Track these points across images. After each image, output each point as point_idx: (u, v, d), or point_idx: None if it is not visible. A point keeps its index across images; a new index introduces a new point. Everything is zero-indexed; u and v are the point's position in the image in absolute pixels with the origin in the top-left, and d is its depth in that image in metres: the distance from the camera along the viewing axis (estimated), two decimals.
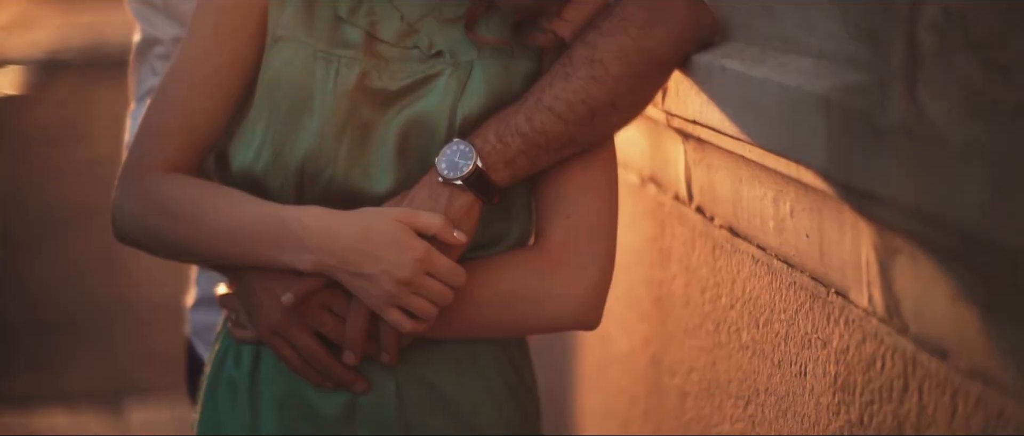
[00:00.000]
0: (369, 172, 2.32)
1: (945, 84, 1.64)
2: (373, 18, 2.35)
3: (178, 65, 2.40)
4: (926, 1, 1.67)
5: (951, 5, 1.63)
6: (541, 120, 2.28)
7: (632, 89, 2.32)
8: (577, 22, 2.35)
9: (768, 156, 2.16)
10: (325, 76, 2.31)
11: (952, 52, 1.63)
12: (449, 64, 2.32)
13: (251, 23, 2.38)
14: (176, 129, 2.38)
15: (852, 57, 1.98)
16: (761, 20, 2.32)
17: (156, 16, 2.76)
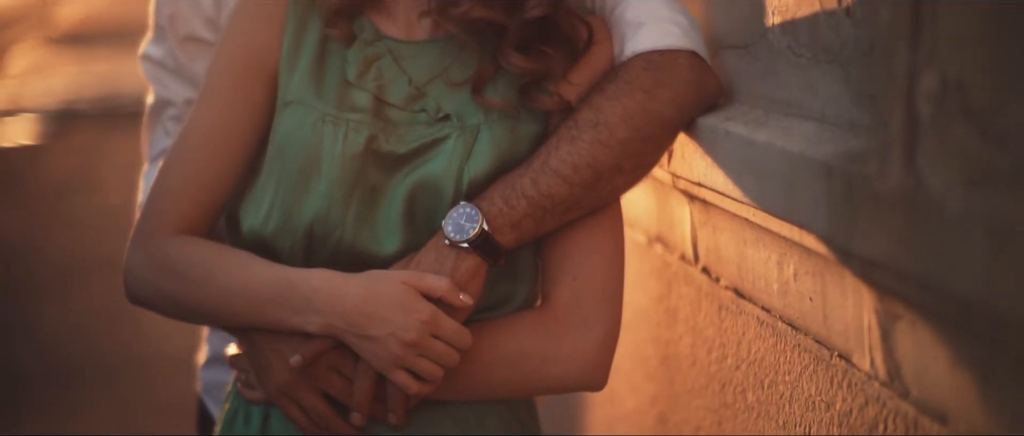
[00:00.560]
0: (377, 234, 2.34)
1: (943, 152, 1.66)
2: (381, 82, 2.38)
3: (189, 128, 2.43)
4: (924, 69, 1.69)
5: (949, 74, 1.65)
6: (547, 183, 2.30)
7: (637, 152, 2.34)
8: (583, 85, 2.38)
9: (771, 220, 2.18)
10: (333, 139, 2.33)
11: (950, 120, 1.65)
12: (456, 127, 2.35)
13: (261, 86, 2.41)
14: (187, 191, 2.41)
15: (854, 122, 2.00)
16: (765, 83, 2.34)
17: (169, 78, 2.79)
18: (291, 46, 2.41)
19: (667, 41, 2.38)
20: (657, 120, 2.34)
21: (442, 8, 2.32)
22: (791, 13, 2.23)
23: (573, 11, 2.37)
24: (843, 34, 2.04)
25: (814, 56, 2.15)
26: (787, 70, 2.25)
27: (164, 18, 2.77)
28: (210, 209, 2.42)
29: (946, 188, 1.63)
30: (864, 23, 1.97)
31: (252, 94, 2.41)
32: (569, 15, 2.36)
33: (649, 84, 2.34)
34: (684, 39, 2.39)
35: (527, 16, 2.31)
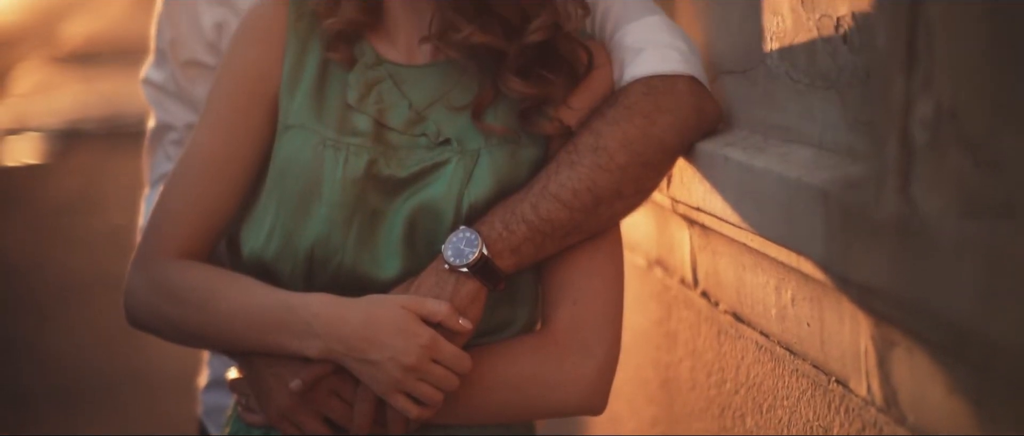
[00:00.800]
0: (377, 258, 2.35)
1: (938, 180, 1.67)
2: (382, 106, 2.39)
3: (190, 152, 2.44)
4: (919, 97, 1.70)
5: (943, 102, 1.66)
6: (547, 208, 2.31)
7: (637, 177, 2.35)
8: (582, 110, 2.39)
9: (770, 245, 2.18)
10: (334, 164, 2.34)
11: (945, 148, 1.66)
12: (456, 152, 2.36)
13: (262, 111, 2.42)
14: (187, 215, 2.42)
15: (851, 148, 2.01)
16: (763, 108, 2.35)
17: (170, 102, 2.80)
18: (291, 70, 2.42)
19: (667, 66, 2.39)
20: (657, 145, 2.35)
21: (442, 33, 2.33)
22: (789, 39, 2.24)
23: (573, 36, 2.38)
24: (840, 61, 2.05)
25: (812, 82, 2.16)
26: (785, 96, 2.26)
27: (165, 42, 2.78)
28: (211, 233, 2.43)
29: (941, 216, 1.64)
30: (861, 50, 1.98)
31: (253, 118, 2.42)
32: (569, 40, 2.37)
33: (649, 109, 2.35)
34: (683, 64, 2.40)
35: (527, 41, 2.32)
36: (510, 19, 2.31)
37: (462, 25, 2.31)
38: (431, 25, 2.34)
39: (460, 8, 2.30)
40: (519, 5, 2.31)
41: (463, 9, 2.30)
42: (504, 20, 2.31)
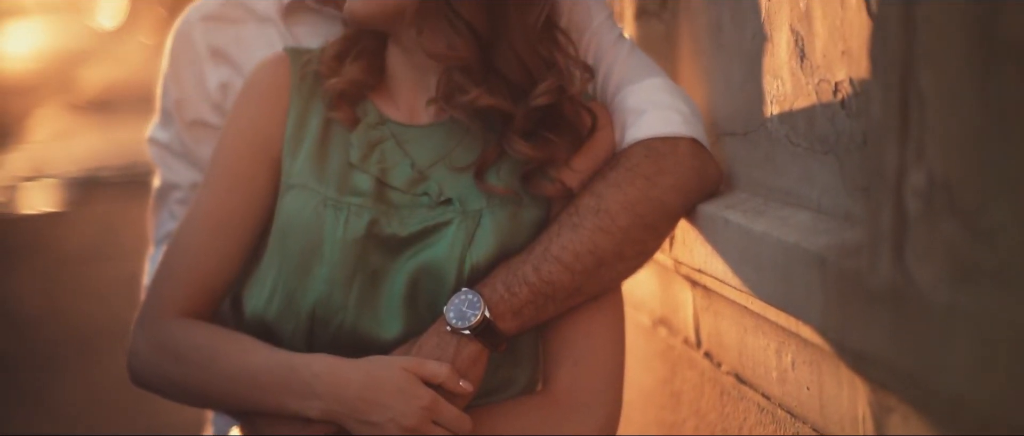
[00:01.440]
0: (379, 319, 2.35)
1: (931, 249, 1.67)
2: (384, 165, 2.40)
3: (193, 212, 2.45)
4: (912, 167, 1.70)
5: (936, 172, 1.67)
6: (548, 270, 2.31)
7: (638, 239, 2.36)
8: (585, 171, 2.40)
9: (770, 308, 2.19)
10: (335, 224, 2.35)
11: (938, 217, 1.66)
12: (458, 212, 2.36)
13: (265, 170, 2.44)
14: (191, 275, 2.42)
15: (849, 213, 2.01)
16: (764, 171, 2.36)
17: (175, 161, 2.81)
18: (294, 130, 2.43)
19: (668, 128, 2.40)
20: (658, 207, 2.36)
21: (449, 96, 2.34)
22: (789, 103, 2.25)
23: (578, 100, 2.39)
24: (838, 126, 2.06)
25: (811, 146, 2.17)
26: (785, 159, 2.27)
27: (171, 102, 2.80)
28: (213, 293, 2.44)
29: (934, 285, 1.65)
30: (858, 116, 1.99)
31: (255, 178, 2.43)
32: (574, 104, 2.38)
33: (650, 171, 2.36)
34: (685, 126, 2.41)
35: (533, 105, 2.33)
36: (517, 82, 2.32)
37: (469, 88, 2.32)
38: (438, 87, 2.36)
39: (467, 71, 2.32)
40: (526, 69, 2.32)
41: (470, 72, 2.32)
42: (511, 83, 2.33)
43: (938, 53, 1.67)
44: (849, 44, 2.00)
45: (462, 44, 2.31)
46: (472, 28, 2.30)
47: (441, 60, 2.34)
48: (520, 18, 2.32)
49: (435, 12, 2.33)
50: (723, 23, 2.56)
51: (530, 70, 2.33)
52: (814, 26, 2.14)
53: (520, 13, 2.32)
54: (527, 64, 2.32)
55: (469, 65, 2.32)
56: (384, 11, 2.35)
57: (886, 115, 1.77)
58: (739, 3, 2.46)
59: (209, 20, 2.77)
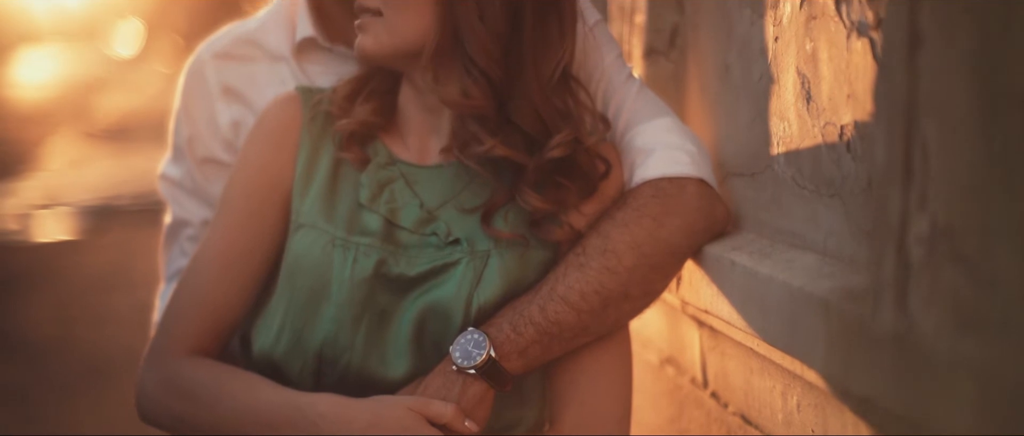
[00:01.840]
0: (385, 358, 2.36)
1: (934, 296, 1.68)
2: (393, 205, 2.40)
3: (203, 250, 2.46)
4: (915, 214, 1.71)
5: (939, 218, 1.67)
6: (555, 310, 2.32)
7: (645, 280, 2.36)
8: (593, 214, 2.40)
9: (775, 351, 2.19)
10: (343, 263, 2.36)
11: (940, 265, 1.67)
12: (466, 252, 2.37)
13: (275, 209, 2.45)
14: (200, 313, 2.43)
15: (854, 257, 2.02)
16: (771, 212, 2.37)
17: (187, 198, 2.81)
18: (304, 169, 2.44)
19: (676, 169, 2.40)
20: (665, 248, 2.36)
21: (464, 145, 2.35)
22: (795, 144, 2.26)
23: (592, 149, 2.39)
24: (844, 169, 2.07)
25: (817, 188, 2.17)
26: (791, 201, 2.28)
27: (182, 139, 2.81)
28: (222, 331, 2.45)
29: (937, 331, 1.65)
30: (864, 159, 2.00)
31: (265, 217, 2.44)
32: (588, 153, 2.39)
33: (657, 212, 2.36)
34: (693, 167, 2.41)
35: (548, 157, 2.34)
36: (532, 133, 2.33)
37: (484, 138, 2.32)
38: (453, 134, 2.36)
39: (482, 120, 2.33)
40: (541, 120, 2.33)
41: (485, 121, 2.33)
42: (525, 133, 2.33)
43: (941, 101, 1.68)
44: (854, 88, 2.01)
45: (478, 93, 2.31)
46: (488, 77, 2.31)
47: (456, 108, 2.34)
48: (537, 69, 2.33)
49: (450, 58, 2.33)
50: (731, 63, 2.57)
51: (545, 121, 2.34)
52: (820, 69, 2.14)
53: (537, 64, 2.33)
54: (542, 115, 2.33)
55: (484, 114, 2.32)
56: (396, 51, 2.35)
57: (889, 161, 1.77)
58: (746, 44, 2.47)
59: (221, 58, 2.78)
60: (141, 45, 14.72)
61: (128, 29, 14.85)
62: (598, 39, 2.59)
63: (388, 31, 2.33)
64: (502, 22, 2.30)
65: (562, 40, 2.36)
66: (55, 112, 13.50)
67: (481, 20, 2.30)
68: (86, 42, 14.74)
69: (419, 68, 2.36)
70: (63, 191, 10.31)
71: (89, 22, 14.83)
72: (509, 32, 2.31)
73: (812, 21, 2.17)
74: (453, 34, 2.31)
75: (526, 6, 2.32)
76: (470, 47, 2.30)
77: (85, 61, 14.47)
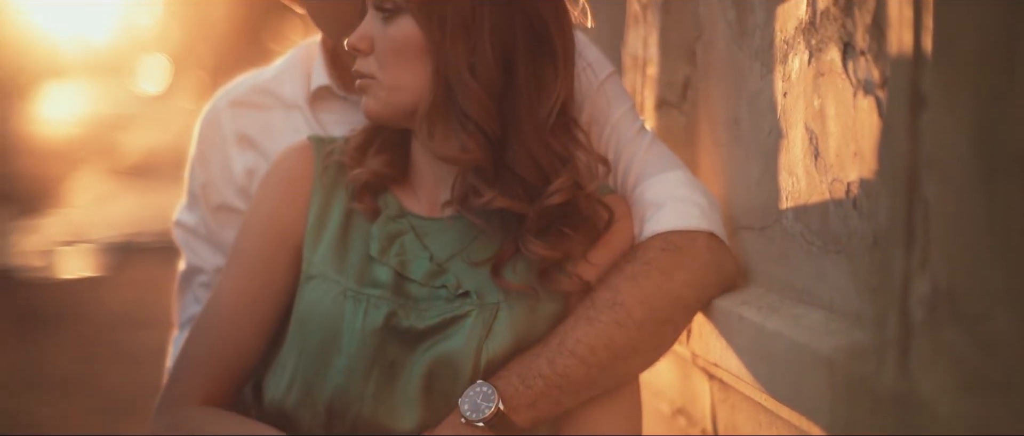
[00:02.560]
0: (395, 410, 2.36)
1: (935, 357, 1.69)
2: (403, 258, 2.42)
3: (214, 299, 2.48)
4: (917, 275, 1.72)
5: (940, 280, 1.68)
6: (564, 364, 2.32)
7: (654, 333, 2.37)
8: (602, 265, 2.41)
9: (783, 406, 2.20)
10: (354, 315, 2.37)
11: (941, 326, 1.68)
12: (476, 305, 2.37)
13: (286, 259, 2.46)
14: (210, 362, 2.44)
15: (860, 314, 2.02)
16: (780, 267, 2.38)
17: (200, 245, 2.83)
18: (316, 220, 2.46)
19: (686, 222, 2.41)
20: (675, 302, 2.37)
21: (464, 198, 2.36)
22: (803, 199, 2.27)
23: (594, 195, 2.40)
24: (850, 226, 2.08)
25: (824, 245, 2.18)
26: (799, 256, 2.28)
27: (197, 186, 2.83)
28: (233, 380, 2.46)
29: (938, 391, 1.66)
30: (869, 217, 2.00)
31: (277, 267, 2.46)
32: (590, 200, 2.40)
33: (667, 265, 2.37)
34: (703, 220, 2.42)
35: (548, 204, 2.34)
36: (531, 180, 2.34)
37: (483, 190, 2.33)
38: (453, 188, 2.38)
39: (480, 172, 2.34)
40: (539, 166, 2.34)
41: (483, 173, 2.34)
42: (526, 182, 2.34)
43: (943, 163, 1.69)
44: (861, 145, 2.02)
45: (474, 146, 2.32)
46: (482, 129, 2.31)
47: (453, 162, 2.35)
48: (532, 115, 2.33)
49: (445, 114, 2.34)
50: (741, 117, 2.58)
51: (543, 167, 2.35)
52: (828, 125, 2.16)
53: (531, 109, 2.33)
54: (540, 161, 2.34)
55: (481, 166, 2.34)
56: (396, 111, 2.37)
57: (892, 222, 1.79)
58: (756, 98, 2.49)
59: (237, 105, 2.81)
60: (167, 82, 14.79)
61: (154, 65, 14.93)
62: (609, 93, 2.60)
63: (387, 92, 2.36)
64: (494, 73, 2.31)
65: (556, 80, 2.36)
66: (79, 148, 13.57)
67: (472, 73, 2.31)
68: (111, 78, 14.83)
69: (416, 125, 2.38)
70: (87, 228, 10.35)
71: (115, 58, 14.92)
72: (502, 82, 2.32)
73: (820, 78, 2.18)
74: (446, 90, 2.32)
75: (518, 53, 2.33)
76: (463, 101, 2.31)
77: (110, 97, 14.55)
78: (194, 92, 13.66)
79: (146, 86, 15.11)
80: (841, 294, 2.11)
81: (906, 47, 1.76)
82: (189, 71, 14.58)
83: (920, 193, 1.72)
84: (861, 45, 2.02)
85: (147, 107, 14.44)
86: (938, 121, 1.70)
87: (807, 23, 2.24)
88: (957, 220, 1.67)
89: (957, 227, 1.67)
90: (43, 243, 10.12)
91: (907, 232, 1.74)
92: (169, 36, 14.68)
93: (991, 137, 1.66)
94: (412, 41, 2.33)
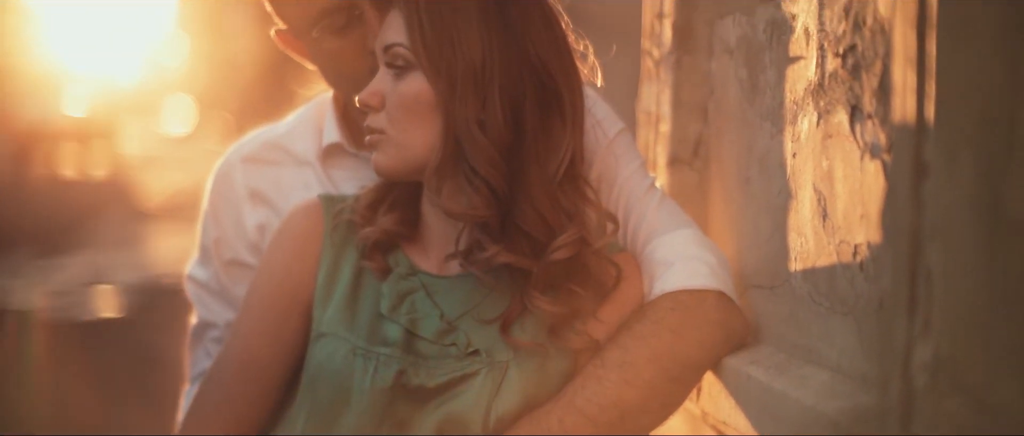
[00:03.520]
0: None
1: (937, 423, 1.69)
2: (414, 316, 2.42)
3: (224, 355, 2.49)
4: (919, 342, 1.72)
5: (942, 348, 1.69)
6: (573, 423, 2.32)
7: (663, 392, 2.37)
8: (611, 323, 2.41)
9: None
10: (363, 373, 2.38)
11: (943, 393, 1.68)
12: (485, 363, 2.38)
13: (296, 317, 2.47)
14: (219, 419, 2.46)
15: (865, 377, 2.03)
16: (789, 327, 2.38)
17: (212, 300, 2.85)
18: (326, 278, 2.47)
19: (695, 281, 2.42)
20: (684, 361, 2.37)
21: (468, 253, 2.37)
22: (812, 261, 2.27)
23: (601, 252, 2.41)
24: (857, 288, 2.08)
25: (832, 306, 2.19)
26: (808, 316, 2.29)
27: (209, 241, 2.85)
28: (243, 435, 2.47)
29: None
30: (875, 280, 2.01)
31: (287, 324, 2.47)
32: (597, 256, 2.40)
33: (676, 324, 2.37)
34: (712, 279, 2.43)
35: (553, 259, 2.35)
36: (537, 237, 2.35)
37: (488, 245, 2.34)
38: (458, 242, 2.39)
39: (486, 227, 2.35)
40: (546, 222, 2.35)
41: (489, 228, 2.34)
42: (532, 238, 2.35)
43: (945, 229, 1.70)
44: (867, 209, 2.02)
45: (480, 202, 2.33)
46: (490, 185, 2.32)
47: (460, 218, 2.36)
48: (539, 171, 2.34)
49: (454, 169, 2.35)
50: (752, 176, 2.59)
51: (550, 223, 2.35)
52: (836, 187, 2.16)
53: (539, 166, 2.34)
54: (546, 218, 2.34)
55: (488, 222, 2.34)
56: (407, 167, 2.38)
57: (896, 287, 1.79)
58: (767, 157, 2.49)
59: (249, 161, 2.83)
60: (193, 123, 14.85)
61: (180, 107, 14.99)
62: (618, 150, 2.61)
63: (397, 148, 2.36)
64: (503, 129, 2.32)
65: (565, 136, 2.37)
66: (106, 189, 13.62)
67: (481, 130, 2.32)
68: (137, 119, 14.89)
69: (426, 180, 2.39)
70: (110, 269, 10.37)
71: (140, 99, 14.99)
72: (511, 139, 2.33)
73: (828, 139, 2.19)
74: (455, 146, 2.33)
75: (527, 110, 2.34)
76: (471, 157, 2.32)
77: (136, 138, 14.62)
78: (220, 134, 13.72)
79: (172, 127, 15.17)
80: (847, 356, 2.12)
81: (909, 113, 1.77)
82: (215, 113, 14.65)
83: (923, 260, 1.72)
84: (868, 109, 2.03)
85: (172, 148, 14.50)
86: (940, 188, 1.71)
87: (816, 84, 2.25)
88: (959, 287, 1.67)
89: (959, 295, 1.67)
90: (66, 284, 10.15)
91: (910, 298, 1.75)
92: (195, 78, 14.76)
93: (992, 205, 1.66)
94: (422, 97, 2.34)
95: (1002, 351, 1.64)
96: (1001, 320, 1.64)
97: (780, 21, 2.43)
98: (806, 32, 2.30)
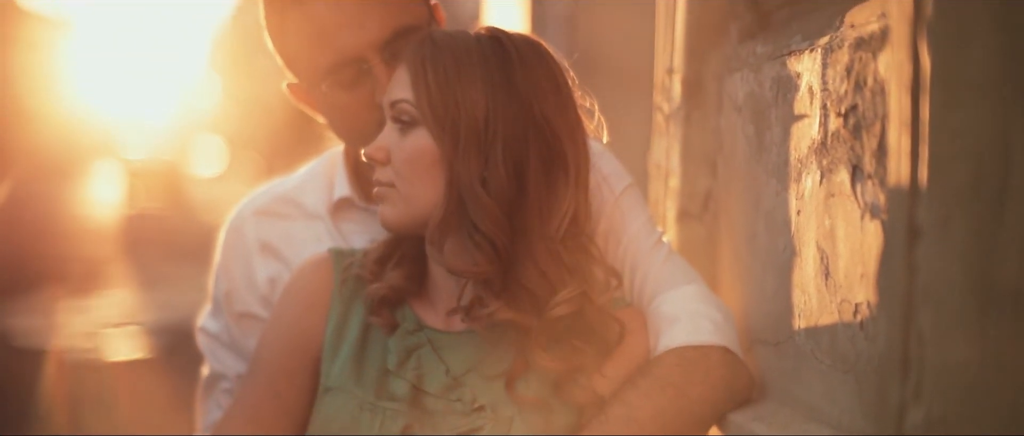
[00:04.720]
0: None
1: None
2: (420, 371, 2.43)
3: (233, 408, 2.51)
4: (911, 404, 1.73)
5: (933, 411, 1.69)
6: None
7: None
8: (616, 378, 2.42)
9: None
10: (370, 427, 2.39)
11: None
12: (491, 419, 2.39)
13: (305, 372, 2.49)
14: None
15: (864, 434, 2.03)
16: (793, 383, 2.38)
17: (224, 352, 2.86)
18: (334, 333, 2.48)
19: (700, 337, 2.42)
20: (688, 417, 2.38)
21: (470, 309, 2.38)
22: (814, 318, 2.28)
23: (604, 308, 2.42)
24: (858, 347, 2.09)
25: (833, 364, 2.19)
26: (811, 373, 2.29)
27: (221, 293, 2.87)
28: None
29: None
30: (875, 340, 2.02)
31: (295, 379, 2.48)
32: (600, 312, 2.41)
33: (680, 381, 2.38)
34: (717, 335, 2.43)
35: (553, 315, 2.36)
36: (539, 294, 2.36)
37: (489, 301, 2.36)
38: (460, 298, 2.40)
39: (487, 284, 2.36)
40: (547, 279, 2.36)
41: (491, 285, 2.36)
42: (533, 294, 2.36)
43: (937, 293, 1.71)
44: (867, 268, 2.03)
45: (482, 258, 2.34)
46: (492, 242, 2.33)
47: (462, 274, 2.37)
48: (542, 228, 2.35)
49: (457, 226, 2.36)
50: (758, 232, 2.60)
51: (551, 280, 2.36)
52: (837, 246, 2.17)
53: (542, 223, 2.35)
54: (548, 274, 2.35)
55: (490, 279, 2.36)
56: (412, 221, 2.39)
57: (889, 349, 1.80)
58: (772, 214, 2.50)
59: (260, 214, 2.85)
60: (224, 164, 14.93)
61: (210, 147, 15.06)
62: (624, 206, 2.62)
63: (404, 201, 2.38)
64: (506, 187, 2.33)
65: (568, 193, 2.38)
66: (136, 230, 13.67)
67: (484, 187, 2.33)
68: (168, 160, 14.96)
69: (428, 236, 2.40)
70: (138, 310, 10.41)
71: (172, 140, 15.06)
72: (513, 195, 2.34)
73: (831, 198, 2.20)
74: (458, 202, 2.35)
75: (530, 167, 2.35)
76: (474, 214, 2.33)
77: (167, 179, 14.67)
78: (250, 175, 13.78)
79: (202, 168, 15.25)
80: (848, 415, 2.12)
81: (904, 176, 1.78)
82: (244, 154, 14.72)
83: (916, 323, 1.73)
84: (868, 169, 2.04)
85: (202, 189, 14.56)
86: (933, 252, 1.72)
87: (819, 143, 2.26)
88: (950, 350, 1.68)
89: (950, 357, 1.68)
90: (93, 325, 10.19)
91: (903, 359, 1.75)
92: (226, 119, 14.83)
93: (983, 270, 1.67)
94: (426, 153, 2.36)
95: (991, 413, 1.65)
96: (992, 384, 1.65)
97: (785, 79, 2.45)
98: (810, 90, 2.32)
